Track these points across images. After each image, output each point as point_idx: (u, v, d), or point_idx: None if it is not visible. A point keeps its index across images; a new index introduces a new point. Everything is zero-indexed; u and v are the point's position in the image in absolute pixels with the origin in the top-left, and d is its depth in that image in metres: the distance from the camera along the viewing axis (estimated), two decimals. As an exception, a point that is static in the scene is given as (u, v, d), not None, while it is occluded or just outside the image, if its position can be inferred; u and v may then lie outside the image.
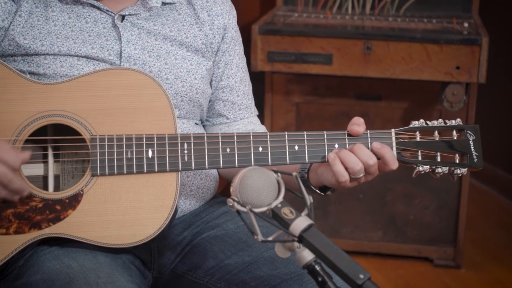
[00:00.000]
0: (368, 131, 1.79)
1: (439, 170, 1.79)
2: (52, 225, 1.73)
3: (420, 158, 1.79)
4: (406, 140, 1.79)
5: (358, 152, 1.73)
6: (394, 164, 1.75)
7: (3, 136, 1.72)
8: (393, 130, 1.80)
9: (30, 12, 1.82)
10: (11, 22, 1.81)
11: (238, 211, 1.45)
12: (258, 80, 2.13)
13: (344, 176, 1.72)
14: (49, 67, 1.80)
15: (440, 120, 1.82)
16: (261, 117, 2.07)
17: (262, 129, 2.03)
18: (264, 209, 1.44)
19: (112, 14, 1.86)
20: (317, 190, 1.82)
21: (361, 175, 1.73)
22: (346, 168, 1.72)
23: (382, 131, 1.79)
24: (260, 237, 1.43)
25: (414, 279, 3.50)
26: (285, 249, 1.44)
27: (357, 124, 1.78)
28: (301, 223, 1.42)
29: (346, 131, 1.79)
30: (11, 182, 1.64)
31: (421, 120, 1.81)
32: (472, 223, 3.89)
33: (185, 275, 1.90)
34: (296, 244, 1.42)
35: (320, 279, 1.40)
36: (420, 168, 1.79)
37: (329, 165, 1.74)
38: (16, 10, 1.81)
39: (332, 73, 3.27)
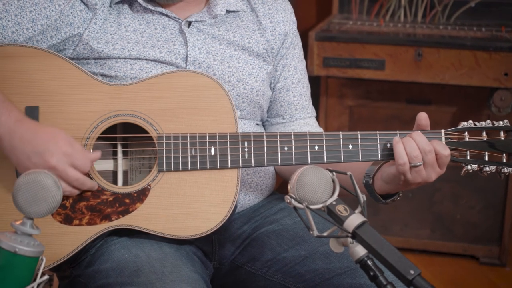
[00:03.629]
0: (419, 131, 1.77)
1: (487, 169, 1.77)
2: (121, 217, 1.75)
3: (468, 157, 1.77)
4: (455, 140, 1.78)
5: (416, 138, 1.71)
6: (445, 150, 1.72)
7: (77, 133, 1.75)
8: (443, 130, 1.78)
9: (104, 19, 1.84)
10: (86, 29, 1.83)
11: (295, 208, 1.45)
12: (313, 84, 2.12)
13: (403, 158, 1.70)
14: (120, 69, 1.82)
15: (488, 121, 1.80)
16: (316, 118, 2.07)
17: (319, 130, 2.02)
18: (319, 206, 1.44)
19: (179, 20, 1.87)
20: (378, 195, 1.80)
21: (419, 163, 1.70)
22: (406, 153, 1.71)
23: (432, 132, 1.78)
24: (315, 232, 1.43)
25: (460, 276, 3.45)
26: (339, 244, 1.44)
27: (423, 119, 1.77)
28: (354, 220, 1.41)
29: (398, 132, 1.77)
30: (83, 185, 1.71)
31: (470, 121, 1.80)
32: (518, 223, 3.83)
33: (244, 267, 1.90)
34: (349, 239, 1.41)
35: (372, 273, 1.39)
36: (469, 167, 1.77)
37: (391, 163, 1.74)
38: (91, 18, 1.83)
39: (384, 78, 3.25)
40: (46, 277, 1.35)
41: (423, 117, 1.76)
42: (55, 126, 1.72)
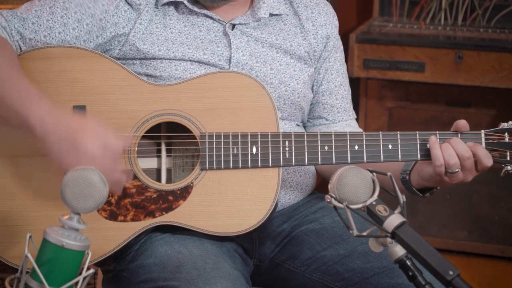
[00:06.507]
0: (458, 137, 1.75)
1: None
2: (164, 214, 1.76)
3: (508, 158, 1.76)
4: (495, 141, 1.76)
5: (454, 145, 1.70)
6: (488, 161, 1.71)
7: (123, 132, 1.77)
8: (482, 131, 1.77)
9: (150, 20, 1.86)
10: (131, 29, 1.84)
11: (335, 207, 1.44)
12: (353, 85, 2.12)
13: (440, 160, 1.70)
14: (164, 70, 1.84)
15: (529, 122, 1.79)
16: (355, 120, 2.06)
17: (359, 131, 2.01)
18: (359, 206, 1.44)
19: (223, 23, 1.88)
20: (416, 190, 1.80)
21: (456, 170, 1.69)
22: (443, 158, 1.70)
23: (472, 132, 1.76)
24: (355, 232, 1.43)
25: (497, 277, 3.42)
26: (378, 244, 1.44)
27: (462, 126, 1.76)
28: (394, 220, 1.40)
29: (437, 132, 1.76)
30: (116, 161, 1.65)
31: (510, 122, 1.78)
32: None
33: (283, 264, 1.90)
34: (388, 239, 1.40)
35: (410, 273, 1.38)
36: (508, 168, 1.76)
37: (428, 162, 1.73)
38: (136, 18, 1.85)
39: (424, 80, 3.24)
40: (91, 271, 1.37)
41: (462, 125, 1.75)
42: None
